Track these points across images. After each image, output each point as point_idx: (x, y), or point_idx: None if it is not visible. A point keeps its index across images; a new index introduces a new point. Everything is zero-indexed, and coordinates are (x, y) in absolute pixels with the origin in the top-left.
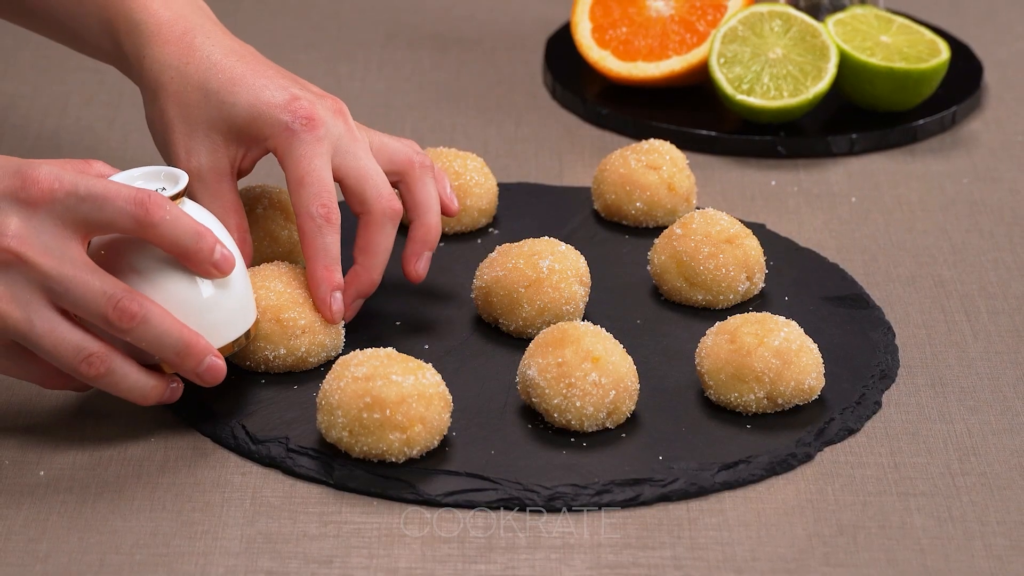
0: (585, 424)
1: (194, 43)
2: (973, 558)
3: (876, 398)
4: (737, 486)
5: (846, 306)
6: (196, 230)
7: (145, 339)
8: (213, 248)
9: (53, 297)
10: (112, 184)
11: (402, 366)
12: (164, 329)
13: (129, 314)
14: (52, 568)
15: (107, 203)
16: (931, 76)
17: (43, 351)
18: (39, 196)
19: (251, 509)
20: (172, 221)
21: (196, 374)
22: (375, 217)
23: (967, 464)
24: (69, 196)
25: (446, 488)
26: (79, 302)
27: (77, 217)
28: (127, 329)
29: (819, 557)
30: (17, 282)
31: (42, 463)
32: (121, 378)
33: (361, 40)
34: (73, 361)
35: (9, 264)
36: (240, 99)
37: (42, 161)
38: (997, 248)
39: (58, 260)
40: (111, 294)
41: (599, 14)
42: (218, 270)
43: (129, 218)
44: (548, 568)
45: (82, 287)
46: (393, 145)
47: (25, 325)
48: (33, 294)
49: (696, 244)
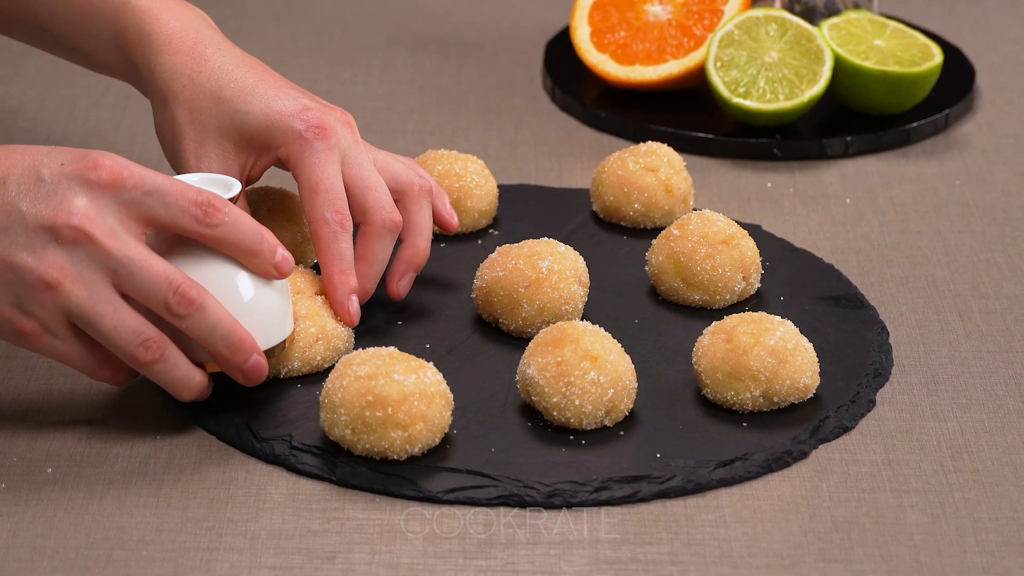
0: (584, 422)
1: (205, 53)
2: (965, 553)
3: (870, 396)
4: (733, 483)
5: (841, 306)
6: (258, 231)
7: (200, 327)
8: (275, 250)
9: (116, 279)
10: (177, 182)
11: (404, 365)
12: (219, 319)
13: (188, 299)
14: (59, 564)
15: (171, 200)
16: (924, 79)
17: (102, 332)
18: (108, 180)
19: (255, 506)
20: (232, 223)
21: (241, 370)
22: (375, 227)
23: (960, 461)
24: (136, 187)
25: (447, 485)
26: (141, 285)
27: (141, 209)
28: (185, 315)
29: (814, 553)
30: (83, 261)
31: (49, 461)
32: (172, 367)
33: (363, 44)
34: (131, 344)
35: (76, 242)
36: (253, 107)
37: (106, 153)
38: (989, 249)
39: (123, 243)
40: (172, 279)
41: (598, 18)
42: (278, 271)
43: (191, 218)
44: (547, 564)
45: (146, 270)
46: (396, 166)
47: (88, 304)
48: (97, 274)
49: (693, 245)
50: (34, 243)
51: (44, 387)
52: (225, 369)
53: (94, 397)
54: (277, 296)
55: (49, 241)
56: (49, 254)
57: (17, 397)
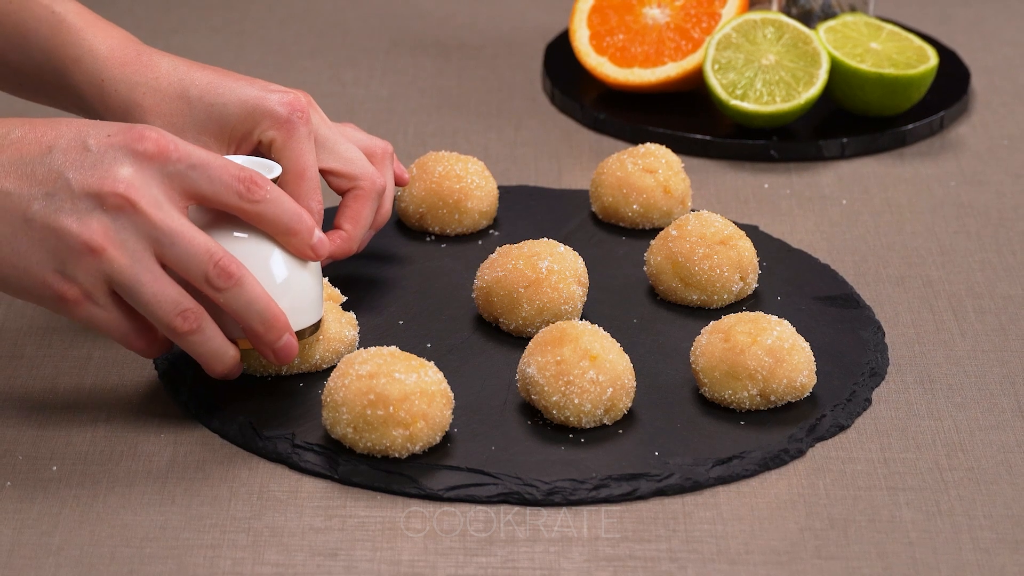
0: (583, 421)
1: (152, 60)
2: (960, 551)
3: (866, 395)
4: (731, 481)
5: (837, 306)
6: (297, 211)
7: (237, 302)
8: (312, 230)
9: (158, 249)
10: (220, 158)
11: (405, 364)
12: (256, 295)
13: (228, 273)
14: (64, 560)
15: (215, 175)
16: (920, 82)
17: (142, 300)
18: (154, 152)
19: (258, 503)
20: (273, 200)
21: (273, 348)
22: (366, 192)
23: (955, 459)
24: (181, 160)
25: (448, 483)
26: (183, 257)
27: (185, 182)
28: (224, 288)
29: (811, 550)
30: (126, 228)
31: (55, 459)
32: (208, 339)
33: (365, 47)
34: (169, 314)
35: (121, 209)
36: (227, 99)
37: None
38: (984, 249)
39: (166, 214)
40: (213, 252)
41: (597, 21)
42: (314, 252)
43: (233, 193)
44: (547, 561)
45: (188, 242)
46: (356, 133)
47: (130, 271)
48: (140, 242)
49: (691, 245)
50: (79, 209)
51: (49, 386)
52: (257, 346)
53: (99, 396)
54: (310, 279)
55: (94, 208)
56: (94, 220)
57: (23, 396)
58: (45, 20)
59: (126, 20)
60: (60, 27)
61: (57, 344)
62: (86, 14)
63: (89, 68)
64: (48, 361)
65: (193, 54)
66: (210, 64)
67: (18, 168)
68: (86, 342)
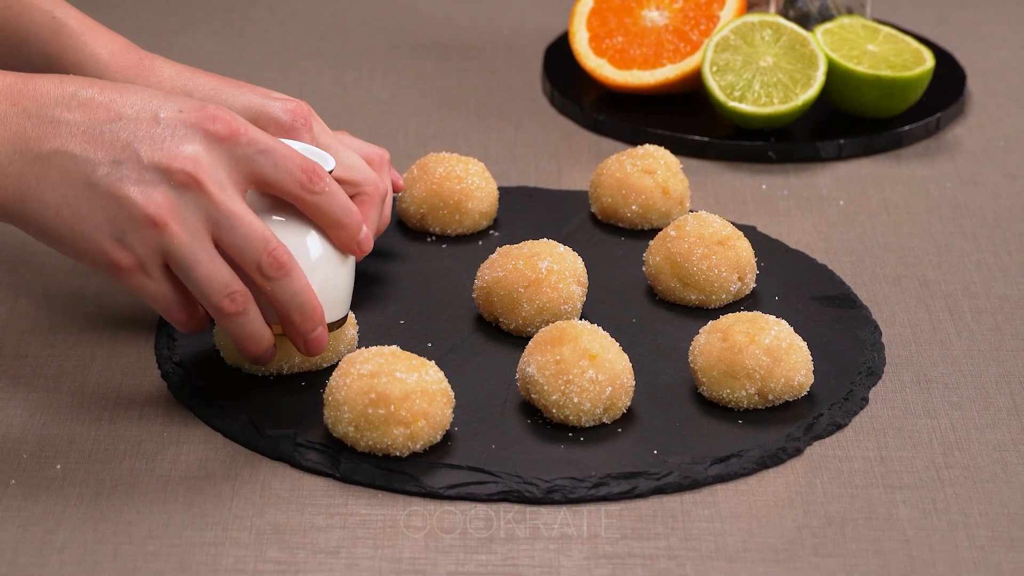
0: (582, 419)
1: (155, 65)
2: (956, 548)
3: (863, 394)
4: (729, 479)
5: (834, 305)
6: (350, 206)
7: (283, 292)
8: (360, 226)
9: (216, 230)
10: (286, 146)
11: (406, 363)
12: (301, 287)
13: (279, 263)
14: (68, 558)
15: (280, 162)
16: (916, 84)
17: (194, 278)
18: (225, 134)
19: (260, 501)
20: (331, 193)
21: (305, 339)
22: (371, 197)
23: (951, 458)
24: (250, 144)
25: (448, 481)
26: (240, 241)
27: (251, 166)
28: (273, 278)
29: (808, 548)
30: (189, 206)
31: (59, 457)
32: (250, 322)
33: (366, 49)
34: (219, 294)
35: (186, 186)
36: (231, 104)
37: (222, 106)
38: (980, 250)
39: (229, 196)
40: (268, 240)
41: (596, 24)
42: (360, 248)
43: (295, 182)
44: (547, 558)
45: (246, 227)
46: (353, 141)
47: (188, 248)
48: (200, 221)
49: (690, 246)
50: (145, 180)
51: (53, 385)
52: (290, 335)
53: (102, 396)
54: (347, 276)
55: (161, 181)
56: (159, 193)
57: (27, 395)
58: (46, 25)
59: (128, 22)
60: (61, 32)
61: (61, 344)
62: (86, 20)
63: (91, 72)
64: (52, 361)
65: (195, 56)
66: (212, 66)
67: (85, 131)
68: (90, 342)
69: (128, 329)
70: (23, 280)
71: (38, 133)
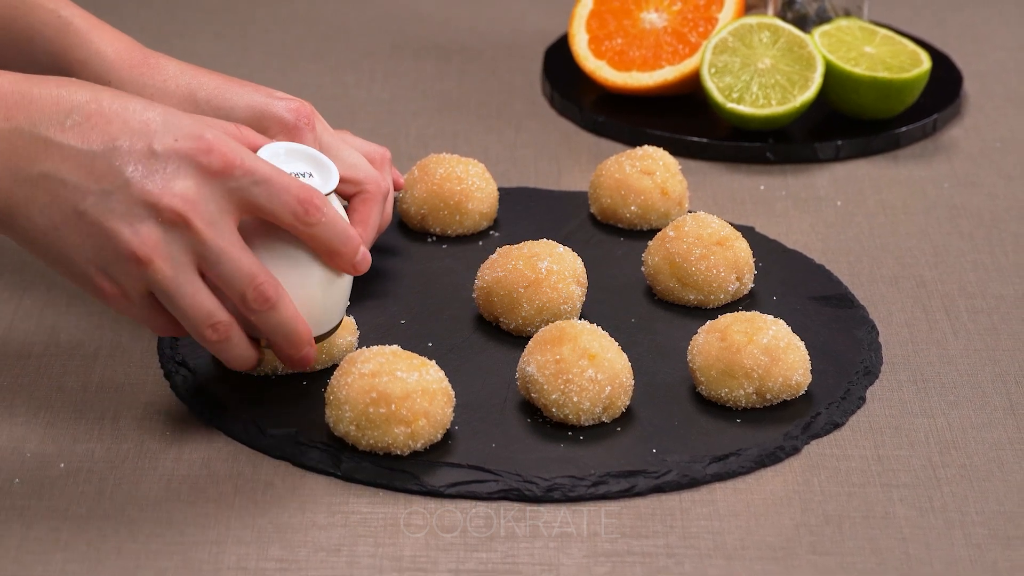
0: (582, 418)
1: (160, 63)
2: (953, 546)
3: (860, 393)
4: (727, 478)
5: (832, 305)
6: (346, 233)
7: (267, 324)
8: (357, 250)
9: (203, 264)
10: (283, 174)
11: (407, 363)
12: (286, 318)
13: (264, 298)
14: (72, 556)
15: (276, 194)
16: (913, 85)
17: (178, 309)
18: (219, 167)
19: (262, 500)
20: (327, 224)
21: (291, 360)
22: (373, 195)
23: (947, 457)
24: (245, 176)
25: (449, 480)
26: (226, 276)
27: (245, 197)
28: (257, 311)
29: (806, 546)
30: (175, 242)
31: (62, 456)
32: (232, 347)
33: (367, 50)
34: (201, 324)
35: (174, 224)
36: (235, 103)
37: (214, 122)
38: (976, 250)
39: (218, 232)
40: (255, 275)
41: (595, 26)
42: (355, 270)
43: (290, 213)
44: (546, 556)
45: (233, 263)
46: (355, 140)
47: (172, 284)
48: (186, 256)
49: (688, 246)
50: (133, 215)
51: (57, 384)
52: (276, 353)
53: (106, 395)
54: (342, 289)
55: (148, 217)
56: (145, 229)
57: (31, 394)
58: (51, 24)
59: (131, 24)
60: (66, 30)
61: (65, 343)
62: (92, 19)
63: (96, 70)
64: (56, 360)
65: (197, 58)
66: (214, 67)
67: (78, 157)
68: (93, 341)
69: (131, 329)
70: (27, 280)
71: (29, 152)
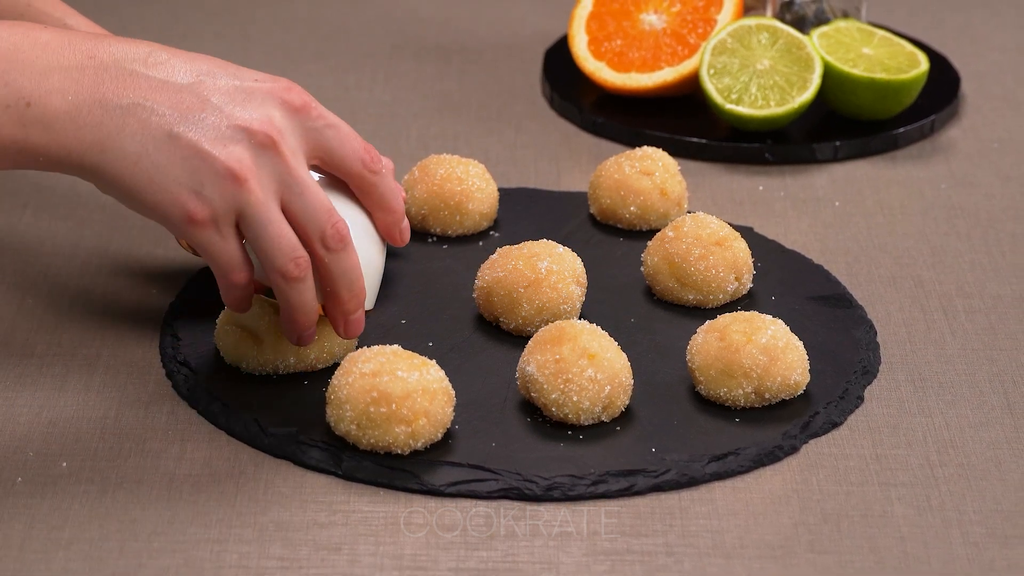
0: (581, 418)
1: None
2: (951, 545)
3: (859, 393)
4: (726, 477)
5: (830, 305)
6: (398, 193)
7: (339, 266)
8: (404, 215)
9: (287, 195)
10: (348, 126)
11: (407, 363)
12: (355, 263)
13: (340, 235)
14: (74, 555)
15: (346, 139)
16: (911, 86)
17: (264, 237)
18: (299, 105)
19: (263, 499)
20: (387, 176)
21: (347, 319)
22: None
23: (945, 456)
24: (320, 118)
25: (449, 479)
26: (307, 209)
27: (319, 139)
28: (333, 249)
29: (804, 544)
30: (266, 167)
31: (64, 455)
32: (307, 289)
33: (368, 52)
34: (285, 257)
35: (266, 148)
36: None
37: None
38: (974, 250)
39: (300, 164)
40: (332, 212)
41: (595, 27)
42: (401, 236)
43: (359, 160)
44: (546, 555)
45: (315, 196)
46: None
47: (263, 207)
48: (274, 183)
49: (687, 246)
50: (227, 137)
51: (59, 383)
52: (332, 314)
53: (108, 394)
54: (381, 267)
55: (242, 139)
56: (240, 150)
57: (33, 393)
58: None
59: (134, 26)
60: None
61: (67, 343)
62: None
63: None
64: (58, 360)
65: None
66: None
67: (167, 88)
68: (95, 341)
69: (133, 328)
70: (30, 279)
71: (117, 85)
